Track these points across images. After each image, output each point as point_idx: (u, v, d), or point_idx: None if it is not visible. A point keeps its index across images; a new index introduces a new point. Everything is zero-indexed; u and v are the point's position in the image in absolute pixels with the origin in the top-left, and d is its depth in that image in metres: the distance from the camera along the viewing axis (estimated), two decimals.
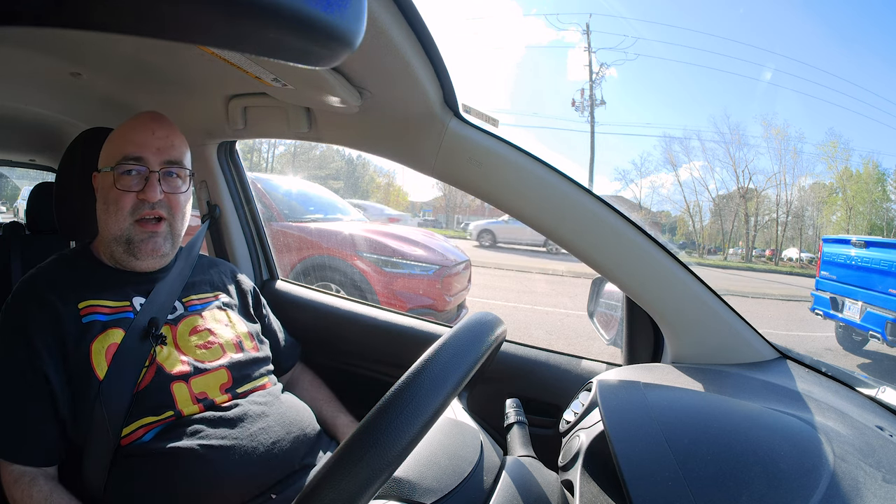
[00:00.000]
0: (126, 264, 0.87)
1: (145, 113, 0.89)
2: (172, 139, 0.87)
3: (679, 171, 19.01)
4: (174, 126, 0.90)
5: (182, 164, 0.87)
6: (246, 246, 1.42)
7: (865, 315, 4.31)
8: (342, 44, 0.22)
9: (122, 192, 0.83)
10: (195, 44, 0.20)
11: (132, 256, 0.85)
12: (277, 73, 0.75)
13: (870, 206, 16.45)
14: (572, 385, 0.93)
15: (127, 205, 0.83)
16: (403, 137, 0.87)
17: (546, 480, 0.63)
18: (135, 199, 0.83)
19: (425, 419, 0.43)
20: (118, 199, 0.83)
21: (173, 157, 0.86)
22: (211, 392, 0.82)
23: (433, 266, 3.73)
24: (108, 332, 0.79)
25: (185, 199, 0.89)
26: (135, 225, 0.84)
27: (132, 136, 0.85)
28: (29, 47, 0.96)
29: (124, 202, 0.83)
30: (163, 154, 0.85)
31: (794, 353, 0.82)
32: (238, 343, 0.91)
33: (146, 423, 0.76)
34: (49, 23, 0.18)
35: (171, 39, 0.19)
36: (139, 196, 0.83)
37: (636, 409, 0.60)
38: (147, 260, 0.86)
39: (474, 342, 0.51)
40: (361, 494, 0.40)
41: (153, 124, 0.86)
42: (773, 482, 0.48)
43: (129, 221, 0.84)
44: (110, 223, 0.85)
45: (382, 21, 0.56)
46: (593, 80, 18.53)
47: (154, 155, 0.84)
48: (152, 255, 0.86)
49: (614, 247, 0.80)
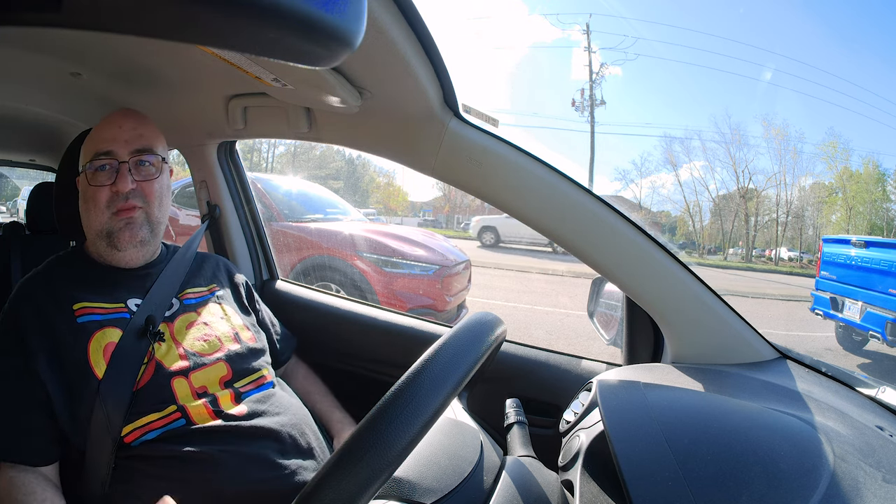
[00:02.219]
0: (112, 259, 0.88)
1: (115, 111, 0.91)
2: (140, 130, 0.88)
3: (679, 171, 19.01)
4: (145, 118, 0.91)
5: (152, 151, 0.88)
6: (246, 246, 1.42)
7: (865, 315, 4.31)
8: (342, 44, 0.22)
9: (97, 187, 0.84)
10: (195, 44, 0.20)
11: (114, 249, 0.86)
12: (277, 73, 0.75)
13: (870, 206, 16.44)
14: (572, 385, 0.93)
15: (102, 199, 0.84)
16: (403, 137, 0.87)
17: (546, 480, 0.63)
18: (109, 192, 0.84)
19: (425, 419, 0.43)
20: (94, 195, 0.85)
21: (141, 145, 0.87)
22: (211, 386, 0.82)
23: (433, 266, 3.73)
24: (105, 331, 0.80)
25: (161, 186, 0.89)
26: (112, 217, 0.85)
27: (101, 134, 0.87)
28: (29, 47, 0.96)
29: (100, 197, 0.84)
30: (131, 144, 0.86)
31: (794, 353, 0.82)
32: (235, 335, 0.91)
33: (151, 420, 0.76)
34: (49, 23, 0.18)
35: (170, 39, 0.19)
36: (112, 189, 0.84)
37: (636, 409, 0.60)
38: (129, 249, 0.87)
39: (474, 342, 0.51)
40: (361, 494, 0.40)
41: (120, 119, 0.88)
42: (773, 482, 0.48)
43: (106, 215, 0.85)
44: (91, 221, 0.86)
45: (382, 21, 0.56)
46: (593, 80, 18.54)
47: (122, 147, 0.85)
48: (131, 242, 0.86)
49: (614, 247, 0.80)
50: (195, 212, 1.41)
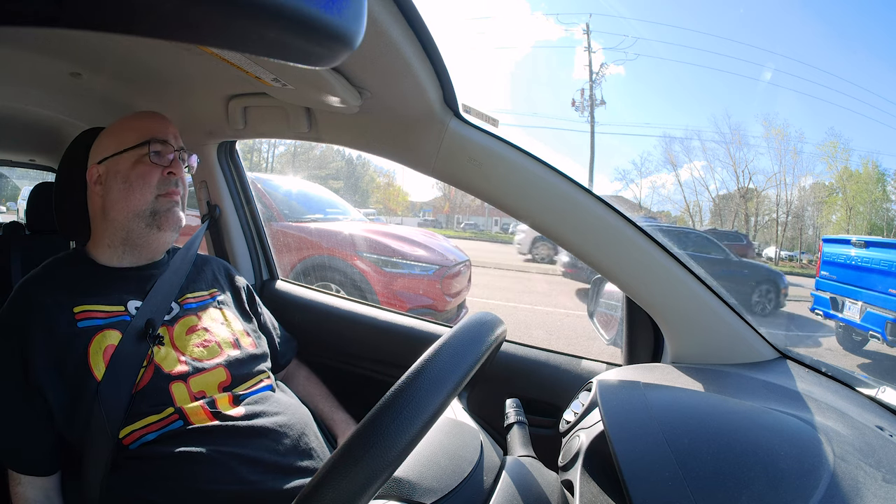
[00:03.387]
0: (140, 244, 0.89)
1: (145, 111, 0.94)
2: (175, 131, 0.94)
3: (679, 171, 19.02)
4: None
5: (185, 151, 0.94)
6: (246, 246, 1.42)
7: (865, 315, 4.31)
8: (342, 44, 0.22)
9: (153, 166, 0.87)
10: (195, 44, 0.20)
11: (156, 229, 0.88)
12: (277, 73, 0.75)
13: (870, 206, 16.44)
14: (572, 385, 0.93)
15: (154, 179, 0.87)
16: (403, 137, 0.87)
17: (546, 480, 0.63)
18: (162, 174, 0.88)
19: (425, 419, 0.43)
20: (146, 175, 0.87)
21: (181, 144, 0.93)
22: (210, 391, 0.82)
23: (433, 266, 3.73)
24: (104, 334, 0.79)
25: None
26: (158, 198, 0.88)
27: (152, 124, 0.90)
28: (29, 48, 0.96)
29: (151, 177, 0.87)
30: (177, 141, 0.92)
31: (794, 353, 0.82)
32: (235, 341, 0.91)
33: (149, 422, 0.76)
34: (49, 23, 0.18)
35: (171, 39, 0.19)
36: (166, 171, 0.88)
37: (636, 409, 0.60)
38: (168, 232, 0.90)
39: (474, 342, 0.51)
40: (361, 494, 0.40)
41: (162, 118, 0.93)
42: (774, 482, 0.48)
43: (153, 195, 0.88)
44: (134, 201, 0.87)
45: (382, 21, 0.56)
46: (593, 80, 18.55)
47: (174, 140, 0.91)
48: (175, 224, 0.90)
49: (614, 247, 0.80)
50: (195, 212, 1.41)
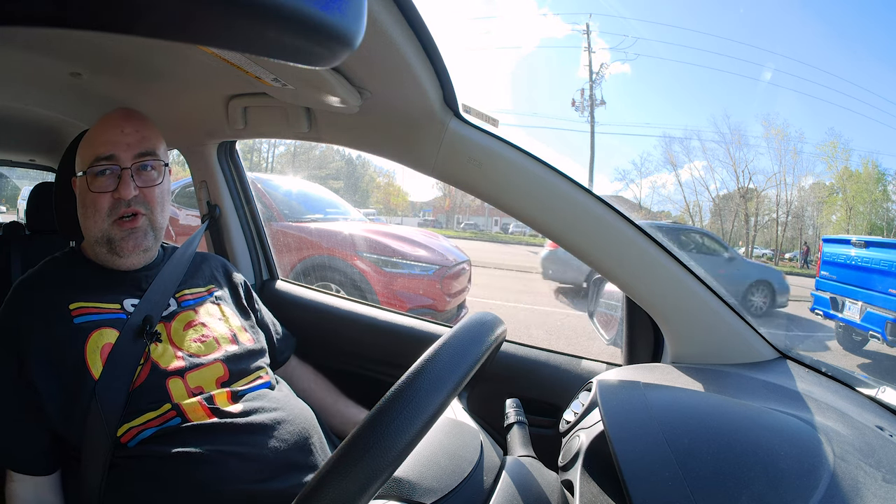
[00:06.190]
0: (112, 263, 0.87)
1: (115, 111, 0.88)
2: (143, 132, 0.86)
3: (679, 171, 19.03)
4: (145, 119, 0.89)
5: (155, 155, 0.86)
6: (246, 246, 1.42)
7: (865, 315, 4.31)
8: (342, 44, 0.22)
9: (98, 193, 0.82)
10: (195, 44, 0.20)
11: (116, 255, 0.85)
12: (277, 73, 0.75)
13: (870, 206, 16.45)
14: (572, 385, 0.93)
15: (104, 206, 0.82)
16: (403, 137, 0.87)
17: (546, 480, 0.63)
18: (111, 198, 0.82)
19: (425, 419, 0.43)
20: (95, 202, 0.82)
21: (145, 148, 0.85)
22: (207, 386, 0.82)
23: (433, 266, 3.73)
24: (101, 332, 0.79)
25: (162, 191, 0.87)
26: (113, 225, 0.84)
27: (102, 136, 0.84)
28: (29, 48, 0.96)
29: (101, 203, 0.82)
30: (133, 148, 0.84)
31: (794, 353, 0.82)
32: (233, 336, 0.91)
33: (146, 419, 0.76)
34: (49, 23, 0.18)
35: (170, 39, 0.19)
36: (114, 195, 0.82)
37: (636, 409, 0.60)
38: (131, 257, 0.86)
39: (474, 342, 0.51)
40: (361, 494, 0.40)
41: (122, 122, 0.85)
42: (774, 482, 0.48)
43: (107, 222, 0.83)
44: (90, 226, 0.85)
45: (382, 21, 0.56)
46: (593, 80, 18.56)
47: (125, 151, 0.83)
48: (135, 251, 0.85)
49: (614, 247, 0.80)
50: (195, 212, 1.41)
